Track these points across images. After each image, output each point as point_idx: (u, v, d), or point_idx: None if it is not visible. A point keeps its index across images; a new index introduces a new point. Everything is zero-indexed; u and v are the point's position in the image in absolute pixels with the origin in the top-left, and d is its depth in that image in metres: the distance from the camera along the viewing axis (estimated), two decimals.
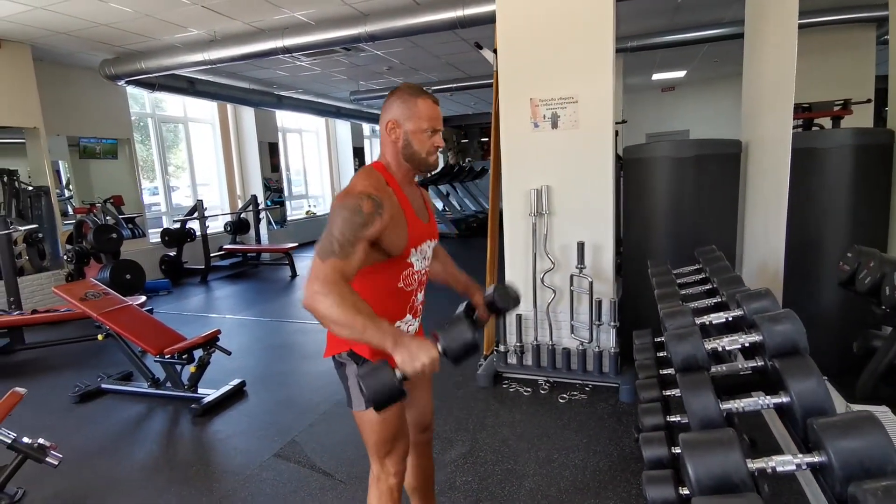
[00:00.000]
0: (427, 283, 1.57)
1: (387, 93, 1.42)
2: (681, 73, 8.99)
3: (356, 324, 1.13)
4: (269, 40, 4.99)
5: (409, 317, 1.47)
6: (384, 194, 1.31)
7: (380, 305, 1.36)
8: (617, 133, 5.77)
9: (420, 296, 1.52)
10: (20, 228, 4.59)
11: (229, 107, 8.51)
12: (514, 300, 1.62)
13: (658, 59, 7.50)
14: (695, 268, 2.41)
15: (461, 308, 1.65)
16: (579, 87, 2.95)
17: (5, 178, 5.63)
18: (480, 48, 3.55)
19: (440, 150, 1.45)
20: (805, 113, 3.67)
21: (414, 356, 1.12)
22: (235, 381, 3.30)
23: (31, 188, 5.62)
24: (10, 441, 2.20)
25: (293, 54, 5.46)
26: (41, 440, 2.30)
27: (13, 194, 5.67)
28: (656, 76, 9.00)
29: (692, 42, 5.91)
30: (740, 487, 0.99)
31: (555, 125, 3.01)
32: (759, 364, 1.37)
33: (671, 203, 3.19)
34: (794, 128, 3.50)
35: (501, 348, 3.29)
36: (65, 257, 5.60)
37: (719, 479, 0.99)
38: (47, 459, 2.27)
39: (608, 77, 2.89)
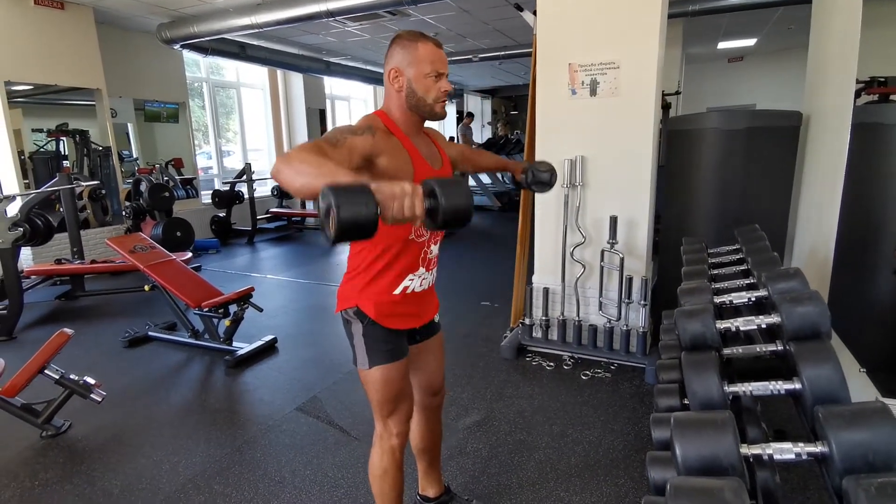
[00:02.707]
0: (444, 235, 1.52)
1: None
2: (750, 42, 8.31)
3: (324, 168, 0.95)
4: (312, 4, 4.99)
5: (421, 269, 1.44)
6: (380, 130, 1.29)
7: (391, 257, 1.36)
8: (669, 105, 5.47)
9: (434, 248, 1.47)
10: (83, 184, 4.90)
11: (279, 73, 8.65)
12: (549, 172, 1.69)
13: (724, 24, 6.95)
14: (732, 248, 2.27)
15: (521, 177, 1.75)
16: (622, 52, 2.77)
17: (77, 138, 6.02)
18: (521, 10, 3.39)
19: (449, 95, 1.37)
20: (881, 88, 3.30)
21: (393, 184, 0.90)
22: (268, 338, 3.44)
23: (100, 148, 5.98)
24: (58, 377, 2.40)
25: (339, 19, 5.45)
26: (87, 378, 2.51)
27: (85, 153, 6.06)
28: (722, 44, 8.37)
29: (763, 5, 5.41)
30: (730, 472, 0.93)
31: (593, 92, 2.86)
32: (779, 348, 1.28)
33: (717, 179, 3.00)
34: (868, 104, 3.18)
35: (527, 321, 3.24)
36: (124, 213, 5.96)
37: (707, 462, 0.94)
38: (91, 396, 2.47)
39: (654, 42, 2.70)
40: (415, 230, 1.38)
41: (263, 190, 8.31)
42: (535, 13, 3.05)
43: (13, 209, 3.97)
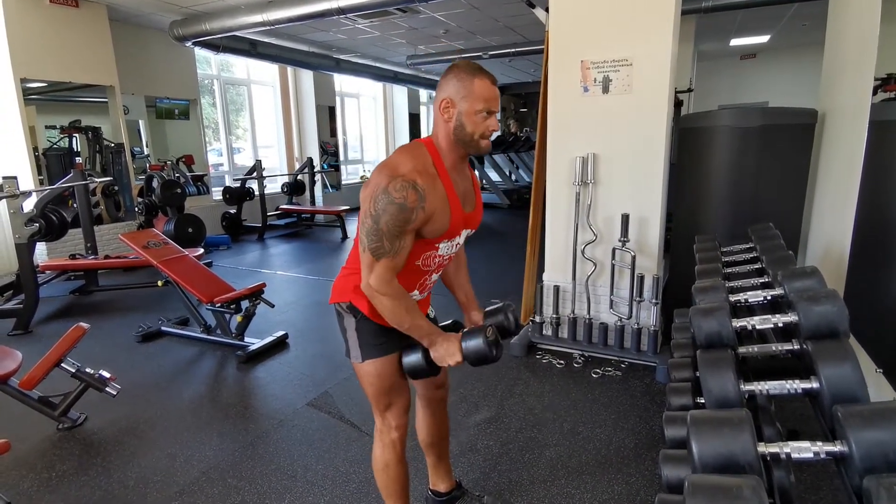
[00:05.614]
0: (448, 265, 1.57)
1: (443, 58, 1.36)
2: (763, 38, 8.22)
3: (403, 323, 1.33)
4: (323, 1, 4.99)
5: (416, 292, 1.47)
6: (428, 181, 1.27)
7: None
8: (681, 102, 5.43)
9: (435, 276, 1.51)
10: (96, 180, 4.95)
11: (289, 70, 8.68)
12: (516, 327, 1.60)
13: (738, 21, 6.88)
14: (746, 246, 2.25)
15: (446, 323, 1.60)
16: (635, 49, 2.76)
17: (90, 135, 6.09)
18: (533, 6, 3.38)
19: (494, 133, 1.37)
20: None
21: (442, 358, 1.36)
22: (279, 333, 3.47)
23: (112, 145, 6.04)
24: (74, 370, 2.43)
25: (350, 16, 5.45)
26: (102, 372, 2.54)
27: (97, 150, 6.13)
28: (735, 41, 8.28)
29: (778, 1, 5.35)
30: (747, 471, 0.93)
31: (606, 90, 2.85)
32: (795, 347, 1.27)
33: (730, 177, 2.98)
34: (885, 101, 3.14)
35: (537, 319, 3.24)
36: (136, 209, 6.03)
37: (724, 460, 0.94)
38: (107, 389, 2.51)
39: (667, 39, 2.68)
40: (423, 259, 1.39)
41: (273, 187, 8.35)
42: (547, 10, 3.04)
43: (29, 205, 4.02)
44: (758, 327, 1.28)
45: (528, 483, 2.02)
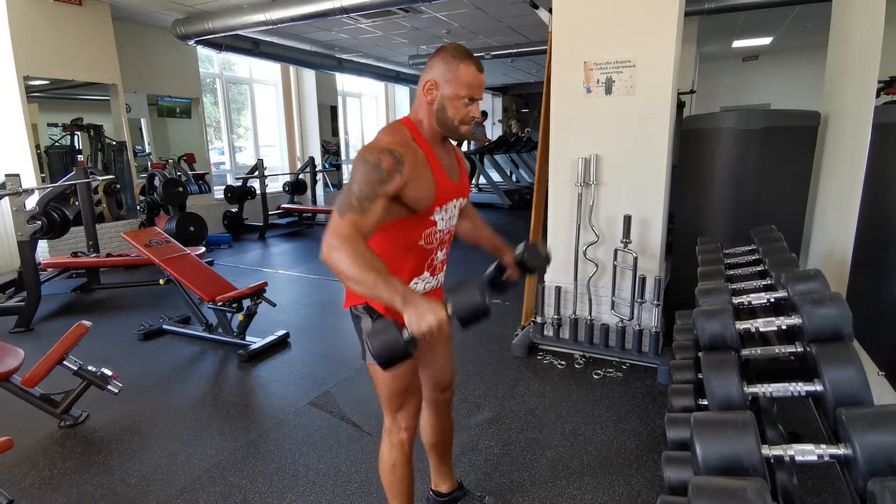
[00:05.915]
0: (451, 241, 1.55)
1: None
2: (766, 40, 8.21)
3: (367, 279, 1.12)
4: (326, 0, 5.00)
5: (426, 274, 1.46)
6: (408, 150, 1.28)
7: (398, 261, 1.37)
8: (684, 104, 5.43)
9: (441, 254, 1.49)
10: (98, 178, 4.96)
11: (291, 69, 8.69)
12: (545, 259, 1.63)
13: (740, 22, 6.88)
14: (748, 248, 2.25)
15: (491, 268, 1.66)
16: (638, 51, 2.76)
17: (92, 133, 6.10)
18: (536, 7, 3.38)
19: (475, 121, 1.37)
20: None
21: (422, 316, 1.09)
22: (280, 332, 3.47)
23: (114, 143, 6.05)
24: (76, 368, 2.43)
25: (352, 15, 5.46)
26: (104, 370, 2.54)
27: (99, 148, 6.14)
28: (737, 43, 8.28)
29: (780, 3, 5.35)
30: (751, 473, 0.93)
31: (609, 91, 2.85)
32: (799, 350, 1.27)
33: (732, 179, 2.98)
34: (888, 103, 3.14)
35: (538, 319, 3.24)
36: (138, 208, 6.03)
37: (728, 462, 0.94)
38: (108, 387, 2.51)
39: (670, 40, 2.68)
40: (424, 237, 1.39)
41: (275, 186, 8.37)
42: (550, 10, 3.04)
43: (31, 203, 4.03)
44: (761, 329, 1.27)
45: (529, 484, 2.02)
